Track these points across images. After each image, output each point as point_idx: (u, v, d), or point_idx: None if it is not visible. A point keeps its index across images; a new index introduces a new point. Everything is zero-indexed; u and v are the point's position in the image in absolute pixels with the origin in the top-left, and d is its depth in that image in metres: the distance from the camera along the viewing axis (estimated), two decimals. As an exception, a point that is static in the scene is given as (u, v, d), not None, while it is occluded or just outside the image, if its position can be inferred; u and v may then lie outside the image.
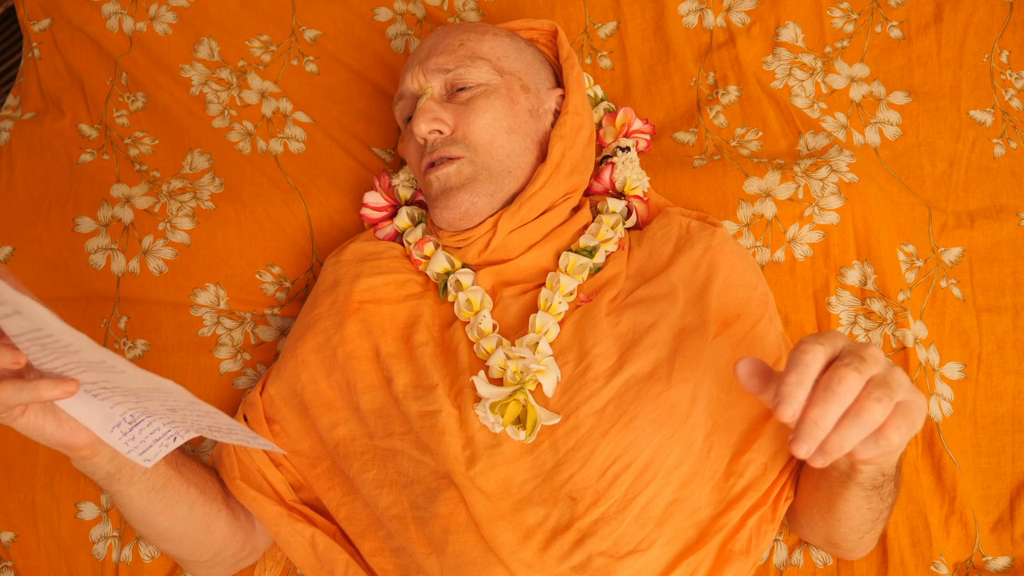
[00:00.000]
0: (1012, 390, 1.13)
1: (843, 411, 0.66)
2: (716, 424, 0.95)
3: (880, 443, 0.67)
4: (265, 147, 1.26)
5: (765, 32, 1.30)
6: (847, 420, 0.66)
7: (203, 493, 0.97)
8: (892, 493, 0.90)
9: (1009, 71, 1.28)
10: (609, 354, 0.95)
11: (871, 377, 0.67)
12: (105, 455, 0.84)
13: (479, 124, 1.02)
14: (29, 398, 0.72)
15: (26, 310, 0.62)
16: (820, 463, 0.67)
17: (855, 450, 0.68)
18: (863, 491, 0.86)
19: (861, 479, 0.84)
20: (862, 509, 0.90)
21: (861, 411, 0.66)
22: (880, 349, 0.71)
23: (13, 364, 0.71)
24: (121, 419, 0.79)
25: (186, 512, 0.95)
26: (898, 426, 0.67)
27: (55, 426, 0.78)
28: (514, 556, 0.87)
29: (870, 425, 0.66)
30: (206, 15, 1.35)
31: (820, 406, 0.66)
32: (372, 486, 0.95)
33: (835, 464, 0.85)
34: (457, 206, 1.01)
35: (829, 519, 0.93)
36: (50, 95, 1.32)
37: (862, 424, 0.66)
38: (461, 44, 1.06)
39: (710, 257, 1.01)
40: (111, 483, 0.88)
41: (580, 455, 0.90)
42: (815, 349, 0.68)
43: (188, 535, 0.97)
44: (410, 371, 0.98)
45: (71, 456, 0.83)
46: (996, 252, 1.18)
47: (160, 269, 1.18)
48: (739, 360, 0.71)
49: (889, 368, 0.68)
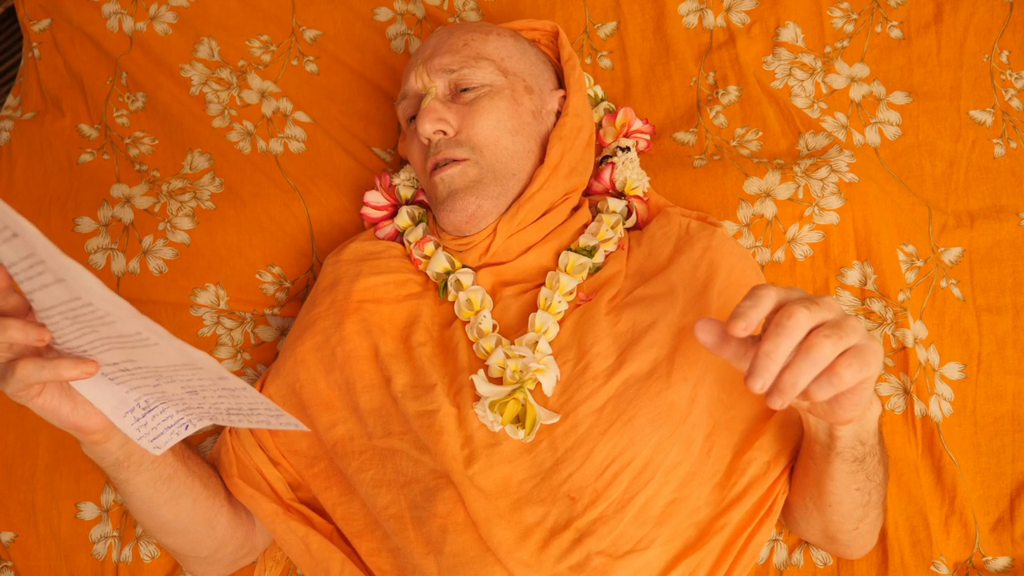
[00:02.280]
0: (1012, 390, 1.13)
1: (793, 345, 0.69)
2: (717, 424, 0.95)
3: (832, 380, 0.70)
4: (265, 147, 1.26)
5: (765, 32, 1.31)
6: (798, 356, 0.69)
7: (207, 487, 0.97)
8: (878, 472, 0.90)
9: (1009, 71, 1.28)
10: (608, 353, 0.95)
11: (823, 320, 0.71)
12: (116, 441, 0.84)
13: (484, 125, 1.02)
14: (50, 376, 0.72)
15: (72, 277, 0.61)
16: (778, 404, 0.70)
17: (810, 390, 0.70)
18: (846, 464, 0.87)
19: (840, 447, 0.85)
20: (849, 489, 0.90)
21: (811, 347, 0.69)
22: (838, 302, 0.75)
23: (38, 341, 0.70)
24: (135, 404, 0.79)
25: (190, 505, 0.95)
26: (849, 364, 0.70)
27: (71, 408, 0.78)
28: (512, 555, 0.87)
29: (820, 361, 0.69)
30: (206, 15, 1.35)
31: (771, 340, 0.69)
32: (370, 485, 0.95)
33: (815, 436, 0.87)
34: (464, 209, 1.01)
35: (821, 505, 0.94)
36: (50, 95, 1.32)
37: (812, 360, 0.69)
38: (465, 44, 1.06)
39: (710, 257, 1.01)
40: (119, 470, 0.88)
41: (579, 454, 0.90)
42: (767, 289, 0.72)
43: (190, 529, 0.97)
44: (408, 371, 0.98)
45: (83, 440, 0.83)
46: (996, 252, 1.18)
47: (160, 269, 1.18)
48: (697, 321, 0.75)
49: (843, 315, 0.72)
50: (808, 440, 0.90)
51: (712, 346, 0.75)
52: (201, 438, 1.13)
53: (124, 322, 0.65)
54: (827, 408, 0.78)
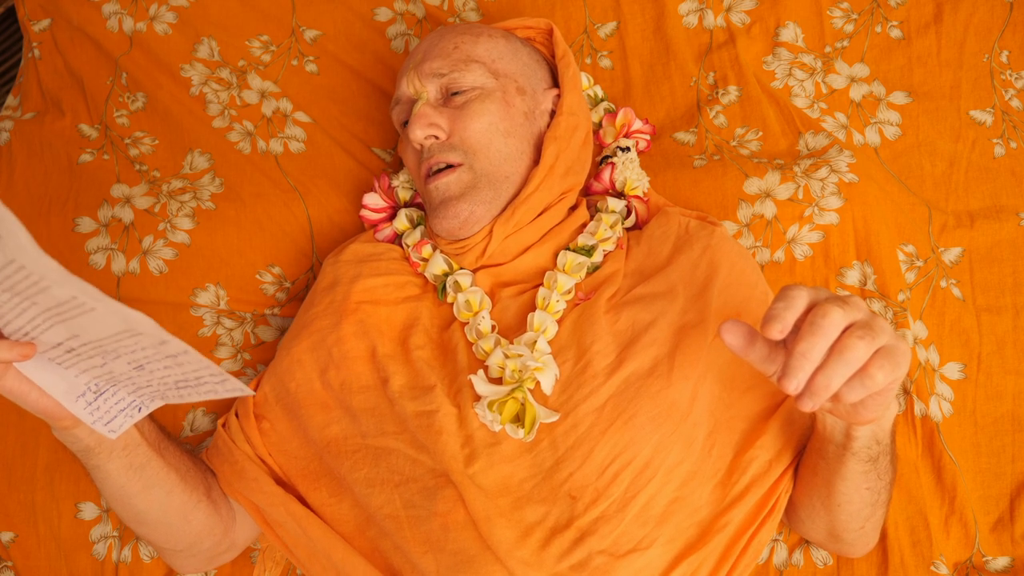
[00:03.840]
0: (1012, 390, 1.13)
1: (828, 345, 0.68)
2: (718, 423, 0.95)
3: (865, 382, 0.69)
4: (265, 147, 1.26)
5: (765, 32, 1.31)
6: (831, 357, 0.68)
7: (183, 480, 0.96)
8: (888, 471, 0.90)
9: (1009, 71, 1.28)
10: (608, 352, 0.95)
11: (854, 320, 0.70)
12: (85, 427, 0.84)
13: (475, 128, 1.02)
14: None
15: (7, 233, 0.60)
16: (809, 406, 0.69)
17: (841, 392, 0.70)
18: (860, 464, 0.86)
19: (856, 447, 0.84)
20: (860, 489, 0.90)
21: (844, 348, 0.68)
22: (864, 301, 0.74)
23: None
24: (86, 388, 0.79)
25: (163, 496, 0.94)
26: (881, 365, 0.69)
27: (39, 393, 0.78)
28: (512, 554, 0.87)
29: (854, 363, 0.68)
30: (206, 15, 1.35)
31: (807, 339, 0.68)
32: (363, 485, 0.95)
33: (830, 437, 0.86)
34: (456, 215, 1.01)
35: (829, 504, 0.93)
36: (50, 95, 1.32)
37: (846, 361, 0.68)
38: (455, 47, 1.06)
39: (710, 256, 1.01)
40: (89, 456, 0.88)
41: (579, 453, 0.90)
42: (799, 289, 0.71)
43: (164, 521, 0.96)
44: (406, 372, 0.98)
45: (53, 425, 0.83)
46: (996, 252, 1.18)
47: (160, 269, 1.18)
48: (723, 323, 0.74)
49: (873, 315, 0.71)
50: (821, 440, 0.89)
51: (739, 348, 0.74)
52: (201, 438, 1.13)
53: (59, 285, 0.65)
54: (851, 409, 0.77)
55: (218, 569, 1.10)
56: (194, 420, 1.14)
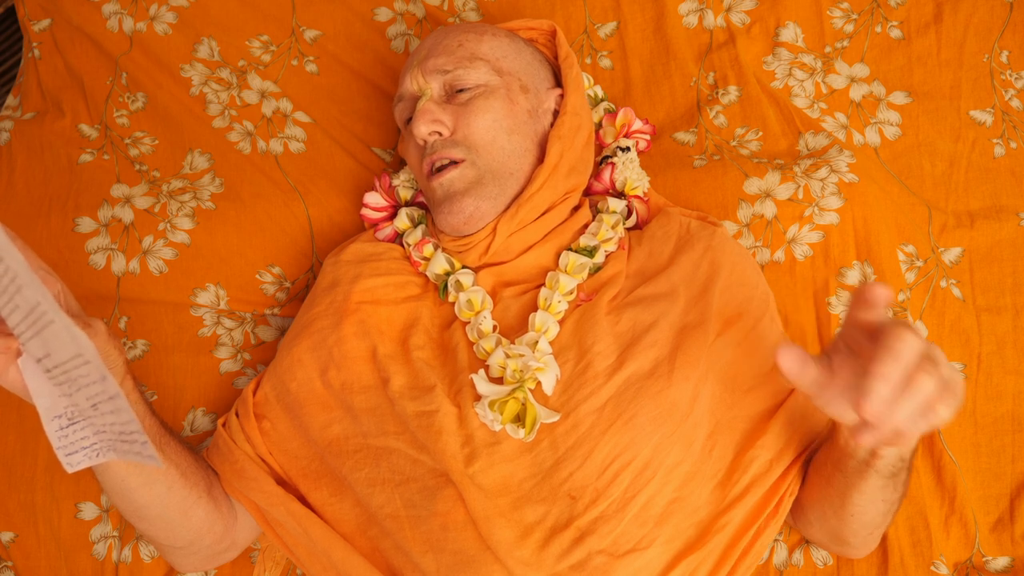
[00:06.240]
0: (1012, 390, 1.13)
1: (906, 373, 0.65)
2: (719, 423, 0.95)
3: (930, 418, 0.67)
4: (265, 147, 1.26)
5: (765, 32, 1.31)
6: (903, 394, 0.66)
7: (184, 477, 0.95)
8: (905, 483, 0.90)
9: (1009, 71, 1.28)
10: (609, 352, 0.95)
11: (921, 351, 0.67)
12: None
13: (479, 125, 1.02)
14: None
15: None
16: (869, 441, 0.68)
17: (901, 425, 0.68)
18: (881, 480, 0.85)
19: (880, 466, 0.83)
20: (876, 501, 0.89)
21: (915, 384, 0.66)
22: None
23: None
24: (63, 411, 0.78)
25: (164, 492, 0.93)
26: (947, 402, 0.67)
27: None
28: (511, 554, 0.87)
29: (923, 402, 0.66)
30: (206, 15, 1.35)
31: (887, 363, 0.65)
32: (364, 485, 0.95)
33: (852, 453, 0.85)
34: (461, 211, 1.01)
35: (842, 514, 0.93)
36: (50, 95, 1.32)
37: (915, 399, 0.66)
38: (460, 45, 1.06)
39: (711, 256, 1.01)
40: None
41: (580, 453, 0.90)
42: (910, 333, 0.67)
43: (164, 517, 0.96)
44: (406, 372, 0.98)
45: None
46: (996, 252, 1.18)
47: (160, 269, 1.18)
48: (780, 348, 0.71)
49: (930, 344, 0.68)
50: (841, 455, 0.87)
51: (794, 375, 0.71)
52: (202, 438, 1.13)
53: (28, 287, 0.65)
54: (894, 436, 0.73)
55: (218, 569, 1.10)
56: (194, 420, 1.14)
